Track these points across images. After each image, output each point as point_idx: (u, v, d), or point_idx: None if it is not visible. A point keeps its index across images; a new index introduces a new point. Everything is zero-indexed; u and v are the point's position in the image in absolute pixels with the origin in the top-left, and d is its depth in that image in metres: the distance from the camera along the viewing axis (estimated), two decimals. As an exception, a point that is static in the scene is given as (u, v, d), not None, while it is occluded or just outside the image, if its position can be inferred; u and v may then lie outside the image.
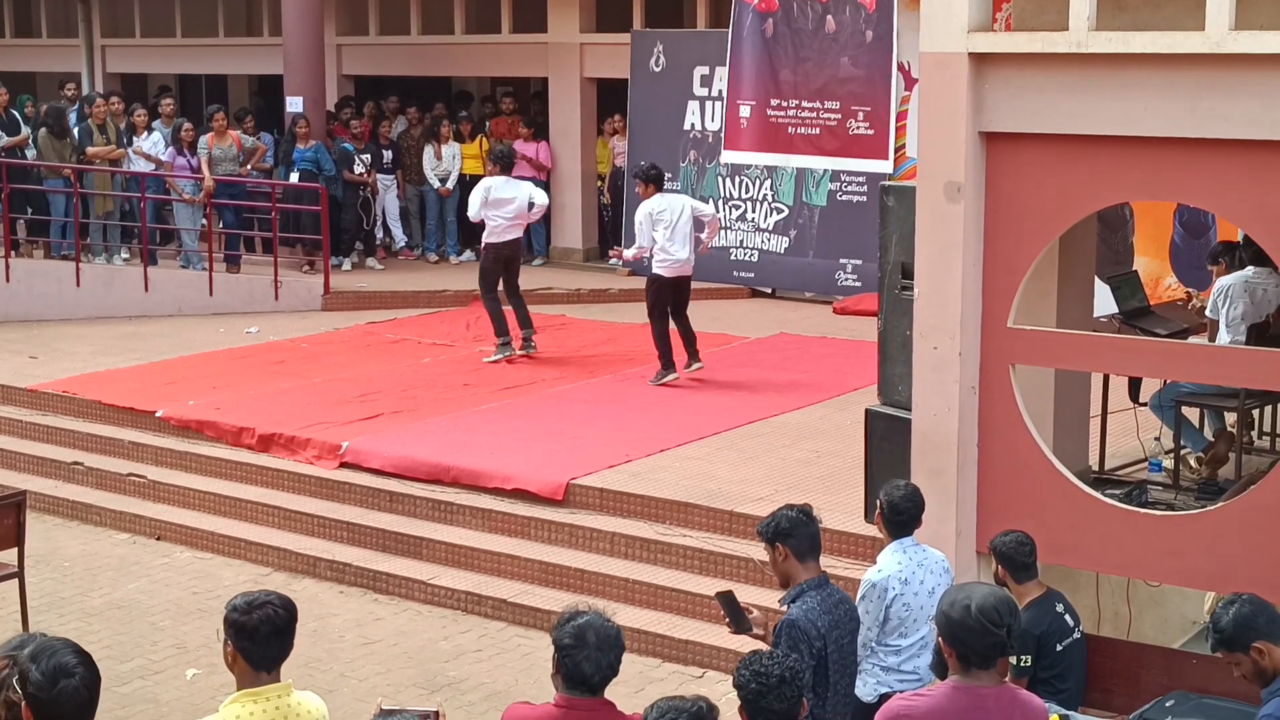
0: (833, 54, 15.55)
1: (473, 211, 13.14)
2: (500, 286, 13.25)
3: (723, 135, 16.37)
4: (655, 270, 12.24)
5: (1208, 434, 9.45)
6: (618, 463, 10.24)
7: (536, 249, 17.92)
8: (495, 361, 13.21)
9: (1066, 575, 7.71)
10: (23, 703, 3.87)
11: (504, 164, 13.29)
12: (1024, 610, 6.63)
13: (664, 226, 12.00)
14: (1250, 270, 9.03)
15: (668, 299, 12.19)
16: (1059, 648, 6.61)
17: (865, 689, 6.32)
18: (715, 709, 4.20)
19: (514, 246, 13.34)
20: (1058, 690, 6.57)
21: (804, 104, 15.70)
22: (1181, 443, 9.24)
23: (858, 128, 15.43)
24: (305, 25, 17.39)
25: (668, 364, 12.31)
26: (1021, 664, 6.55)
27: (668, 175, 16.71)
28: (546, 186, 18.02)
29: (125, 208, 16.83)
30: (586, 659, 4.55)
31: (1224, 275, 9.28)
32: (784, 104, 15.78)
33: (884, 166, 15.24)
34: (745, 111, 16.04)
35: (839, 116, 15.52)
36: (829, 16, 15.53)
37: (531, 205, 13.14)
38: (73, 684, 3.81)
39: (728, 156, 16.29)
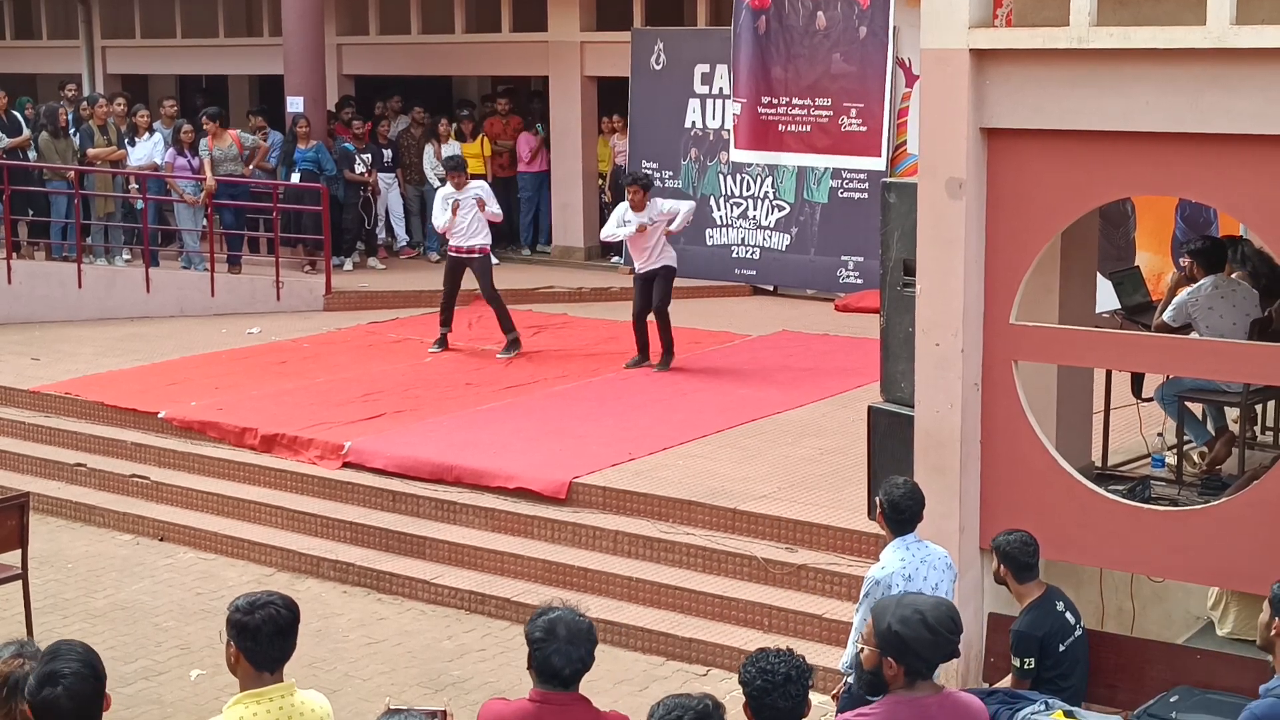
0: (824, 50, 15.52)
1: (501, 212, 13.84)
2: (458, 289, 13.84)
3: (730, 134, 16.36)
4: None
5: (1211, 428, 9.42)
6: (620, 461, 10.24)
7: (524, 242, 18.62)
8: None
9: (1070, 571, 7.71)
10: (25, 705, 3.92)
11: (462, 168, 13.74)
12: (1025, 612, 6.64)
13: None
14: (1208, 283, 8.78)
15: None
16: (1061, 648, 6.60)
17: (870, 686, 6.33)
18: (721, 706, 4.20)
19: None
20: (1062, 688, 6.57)
21: (794, 101, 15.68)
22: (1185, 437, 9.21)
23: (850, 124, 15.40)
24: (306, 25, 17.38)
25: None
26: (1025, 667, 6.55)
27: (669, 174, 16.82)
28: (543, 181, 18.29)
29: (126, 208, 16.84)
30: (556, 652, 4.62)
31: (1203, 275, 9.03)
32: (775, 101, 15.77)
33: (877, 164, 15.22)
34: (736, 109, 16.03)
35: (830, 113, 15.50)
36: (820, 13, 15.49)
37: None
38: (55, 693, 3.87)
39: (737, 155, 16.28)
